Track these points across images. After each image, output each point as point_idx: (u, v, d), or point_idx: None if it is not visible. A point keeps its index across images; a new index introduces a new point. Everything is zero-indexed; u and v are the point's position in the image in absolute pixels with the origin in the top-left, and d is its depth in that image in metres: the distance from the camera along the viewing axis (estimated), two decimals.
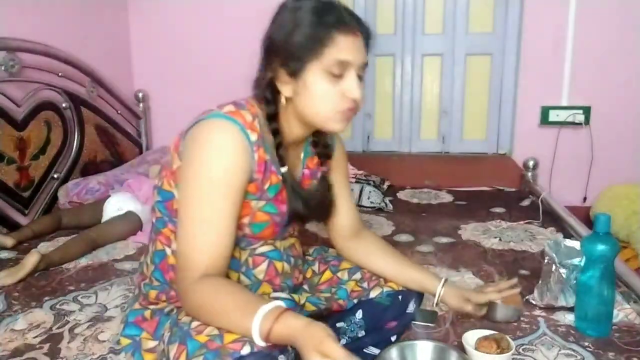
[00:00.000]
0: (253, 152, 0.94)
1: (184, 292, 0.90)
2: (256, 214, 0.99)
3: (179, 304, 1.01)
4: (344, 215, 1.18)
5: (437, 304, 1.15)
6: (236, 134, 0.92)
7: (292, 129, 1.01)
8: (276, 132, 0.98)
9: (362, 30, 0.96)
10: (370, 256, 1.19)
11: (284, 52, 0.93)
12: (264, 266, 1.04)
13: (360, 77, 0.97)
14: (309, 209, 1.04)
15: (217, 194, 0.90)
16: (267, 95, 0.98)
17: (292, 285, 1.11)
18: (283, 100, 0.97)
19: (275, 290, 1.04)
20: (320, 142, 1.12)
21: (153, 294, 1.04)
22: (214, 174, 0.90)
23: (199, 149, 0.92)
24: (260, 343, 0.80)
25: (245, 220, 0.98)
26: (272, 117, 0.99)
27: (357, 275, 1.18)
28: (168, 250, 1.02)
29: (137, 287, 1.10)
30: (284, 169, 0.99)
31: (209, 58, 2.84)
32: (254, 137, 0.94)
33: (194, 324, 0.85)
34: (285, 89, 0.96)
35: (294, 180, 1.02)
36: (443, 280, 1.15)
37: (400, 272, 1.16)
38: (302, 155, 1.11)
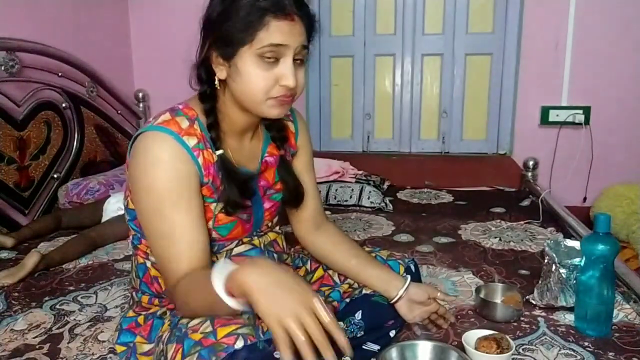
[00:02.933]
0: (195, 157, 0.92)
1: (172, 297, 0.91)
2: (219, 217, 0.98)
3: (171, 306, 1.02)
4: (306, 204, 1.15)
5: (394, 302, 1.14)
6: (170, 143, 0.90)
7: (233, 114, 0.98)
8: (209, 113, 0.96)
9: (301, 13, 0.90)
10: (333, 253, 1.17)
11: (216, 35, 0.91)
12: None
13: (300, 61, 0.92)
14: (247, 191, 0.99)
15: (168, 207, 0.89)
16: (202, 74, 0.95)
17: None
18: (217, 81, 0.94)
19: None
20: (273, 126, 1.08)
21: (145, 298, 1.05)
22: (158, 188, 0.89)
23: (138, 165, 0.91)
24: (227, 299, 0.76)
25: (210, 224, 0.97)
26: (205, 97, 0.96)
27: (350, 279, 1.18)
28: (148, 263, 1.03)
29: (130, 296, 1.11)
30: (219, 152, 0.96)
31: None
32: (192, 142, 0.92)
33: (191, 323, 0.85)
34: (220, 71, 0.93)
35: (230, 163, 0.98)
36: (407, 282, 1.13)
37: (363, 269, 1.15)
38: (262, 142, 1.08)
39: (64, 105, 2.34)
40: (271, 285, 0.72)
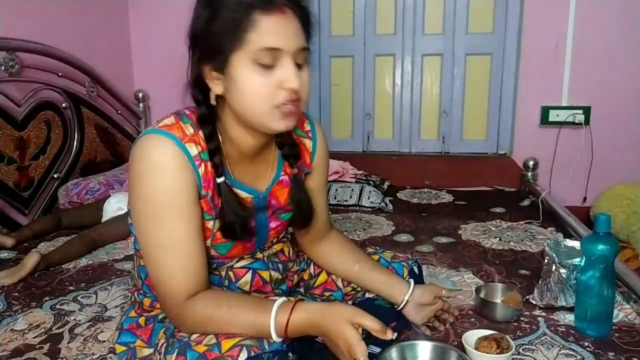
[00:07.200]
0: (195, 167, 0.86)
1: (177, 318, 0.87)
2: (217, 235, 0.92)
3: None
4: (314, 222, 1.09)
5: (401, 308, 1.14)
6: (172, 149, 0.84)
7: (237, 135, 0.89)
8: (210, 138, 0.88)
9: (292, 6, 0.81)
10: (335, 259, 1.15)
11: (205, 46, 0.83)
12: (248, 277, 1.00)
13: (300, 65, 0.83)
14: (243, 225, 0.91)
15: (166, 216, 0.83)
16: (197, 95, 0.87)
17: (287, 289, 1.10)
18: (213, 99, 0.86)
19: (268, 296, 1.02)
20: (285, 143, 0.99)
21: (147, 301, 1.03)
22: (156, 196, 0.83)
23: (135, 171, 0.85)
24: (277, 339, 0.80)
25: (207, 242, 0.91)
26: (204, 120, 0.87)
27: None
28: None
29: (132, 295, 1.09)
30: (219, 180, 0.88)
31: None
32: (195, 150, 0.86)
33: (193, 335, 0.84)
34: (215, 86, 0.85)
35: (231, 194, 0.90)
36: (412, 286, 1.13)
37: (366, 275, 1.13)
38: (276, 161, 1.00)
39: (64, 105, 2.34)
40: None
